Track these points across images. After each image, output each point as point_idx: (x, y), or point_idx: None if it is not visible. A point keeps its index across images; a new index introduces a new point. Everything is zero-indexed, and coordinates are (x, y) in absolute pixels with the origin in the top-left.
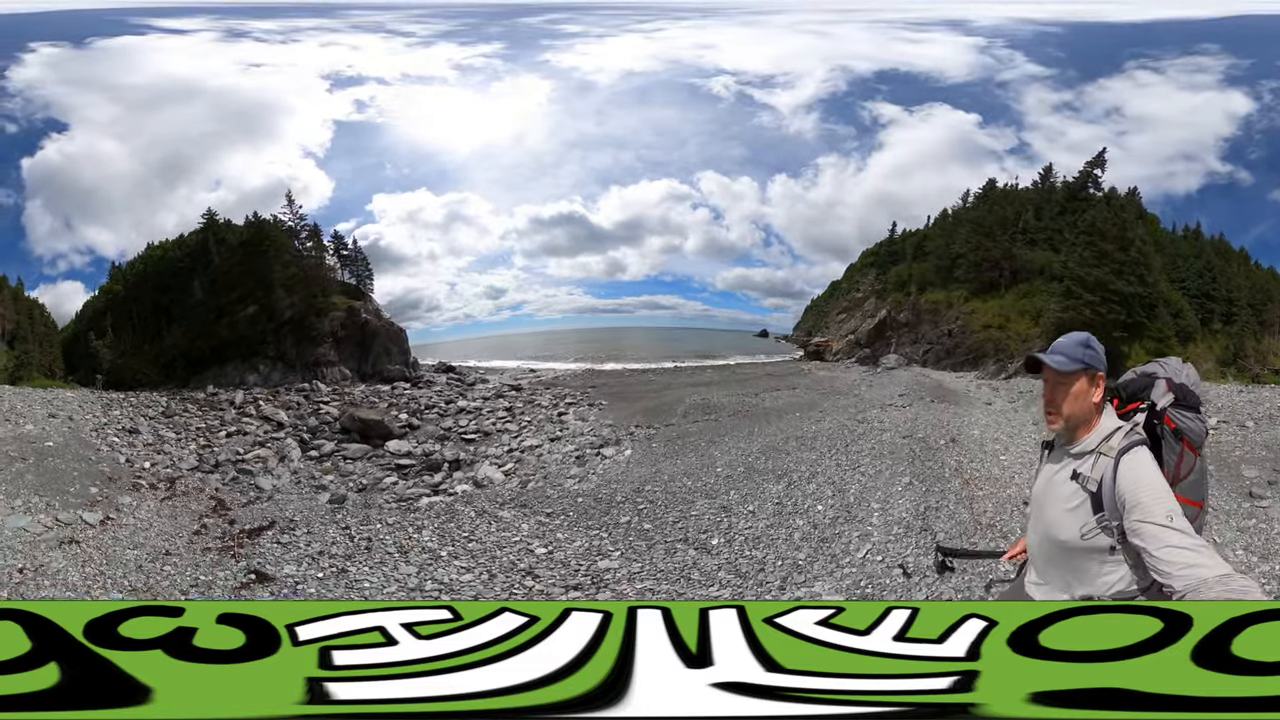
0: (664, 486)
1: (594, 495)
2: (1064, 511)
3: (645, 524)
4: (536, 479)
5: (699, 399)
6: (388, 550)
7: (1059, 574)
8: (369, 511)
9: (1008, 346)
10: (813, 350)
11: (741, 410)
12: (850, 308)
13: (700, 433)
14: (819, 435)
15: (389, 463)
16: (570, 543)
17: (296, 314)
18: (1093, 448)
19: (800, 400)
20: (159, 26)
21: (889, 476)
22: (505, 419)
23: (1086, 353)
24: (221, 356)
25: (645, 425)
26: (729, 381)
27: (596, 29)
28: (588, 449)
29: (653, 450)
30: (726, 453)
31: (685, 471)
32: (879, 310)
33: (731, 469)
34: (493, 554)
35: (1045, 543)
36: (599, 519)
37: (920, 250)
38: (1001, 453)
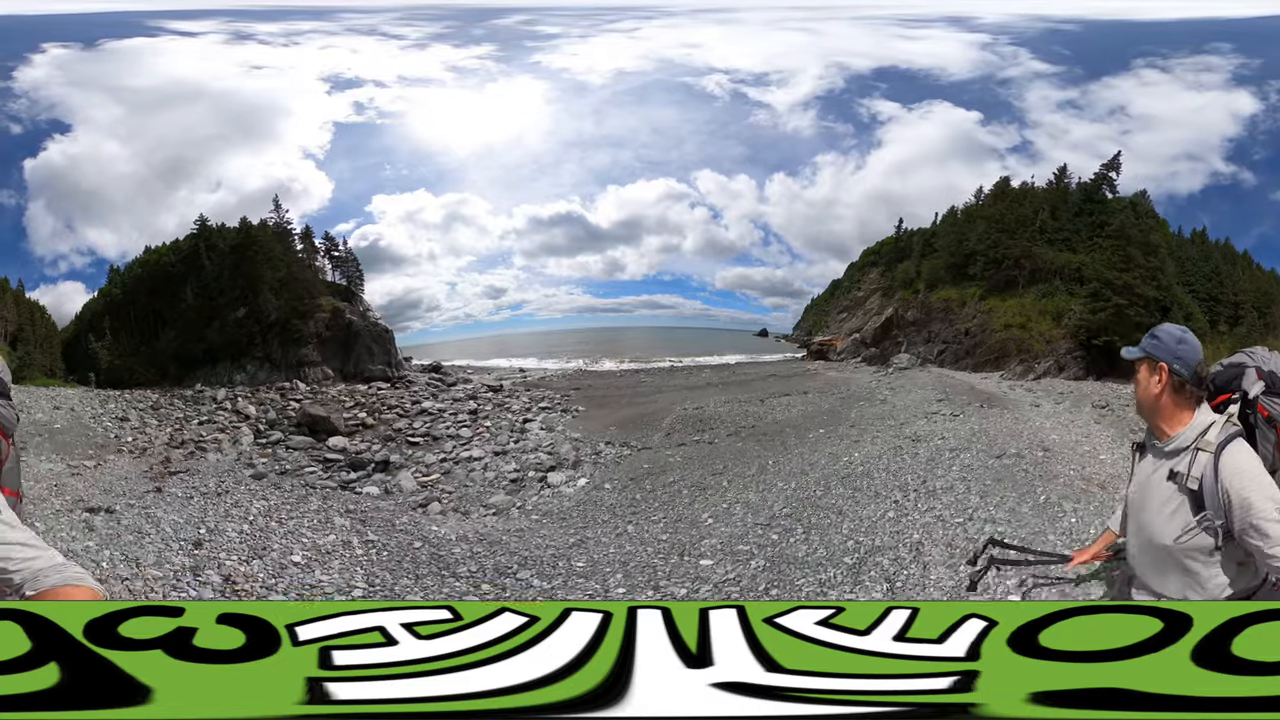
0: (594, 567)
1: (487, 540)
2: (1164, 515)
3: None
4: (451, 499)
5: (691, 408)
6: (240, 514)
7: (1164, 579)
8: (269, 490)
9: (1031, 346)
10: (816, 349)
11: (746, 427)
12: (851, 306)
13: (686, 464)
14: (871, 469)
15: (321, 455)
16: (350, 588)
17: (281, 316)
18: (1188, 444)
19: (819, 409)
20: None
21: (1032, 516)
22: (464, 424)
23: (1148, 341)
24: (213, 357)
25: (618, 443)
26: (728, 384)
27: (574, 29)
28: (531, 470)
29: (611, 490)
30: (725, 514)
31: (647, 543)
32: (885, 308)
33: (734, 548)
34: (277, 552)
35: (1147, 548)
36: (447, 579)
37: (928, 247)
38: (1100, 453)
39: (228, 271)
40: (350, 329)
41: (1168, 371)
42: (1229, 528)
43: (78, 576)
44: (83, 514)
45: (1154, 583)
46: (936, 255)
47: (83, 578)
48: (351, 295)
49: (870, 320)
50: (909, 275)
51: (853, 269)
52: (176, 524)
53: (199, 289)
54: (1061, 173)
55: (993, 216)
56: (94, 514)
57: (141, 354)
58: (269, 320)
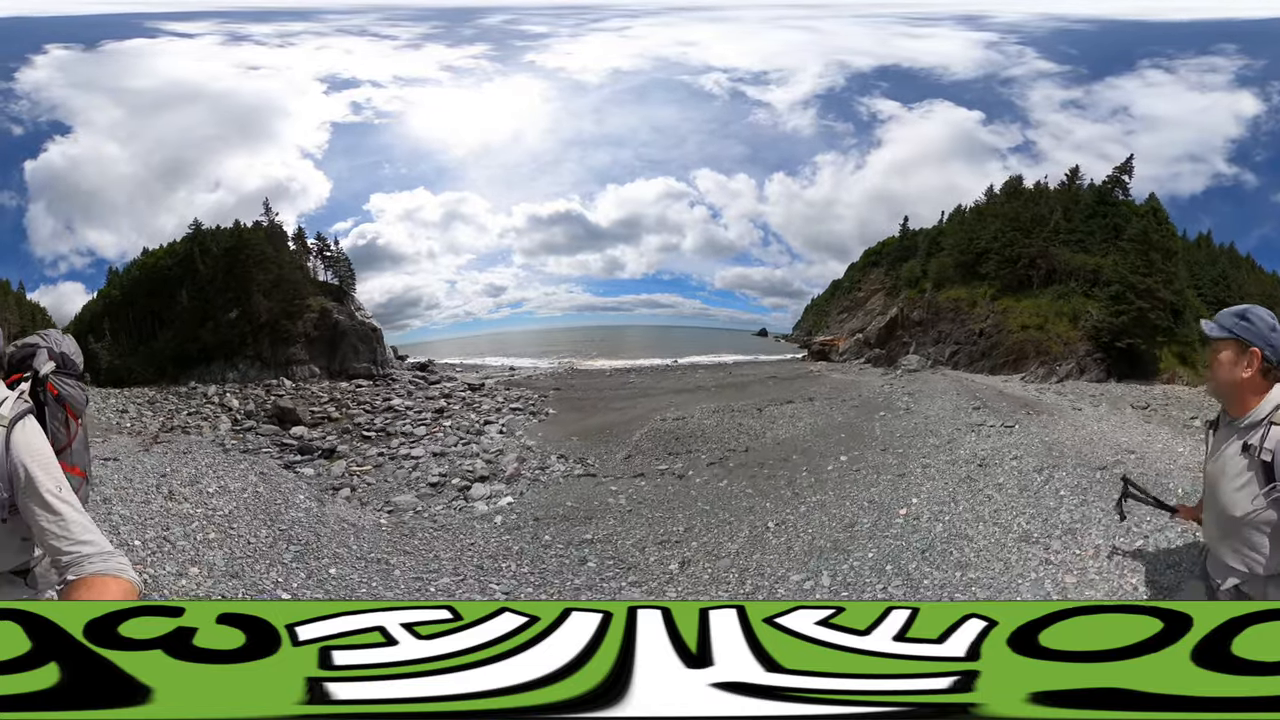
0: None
1: (346, 532)
2: (1236, 488)
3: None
4: (363, 490)
5: (672, 418)
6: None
7: (1233, 552)
8: (220, 454)
9: (1050, 348)
10: (817, 349)
11: (736, 449)
12: (852, 307)
13: (632, 513)
14: (962, 527)
15: (280, 440)
16: (212, 512)
17: (271, 317)
18: (1263, 417)
19: (831, 422)
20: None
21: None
22: (424, 422)
23: (1238, 323)
24: (207, 357)
25: (572, 458)
26: (724, 386)
27: (562, 28)
28: (456, 478)
29: (516, 521)
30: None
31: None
32: (889, 308)
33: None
34: (205, 481)
35: (1220, 520)
36: (264, 537)
37: (935, 245)
38: (1177, 448)
39: (221, 274)
40: (337, 328)
41: (1260, 356)
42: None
43: (119, 568)
44: (100, 462)
45: (1225, 555)
46: (945, 254)
47: (124, 569)
48: (343, 295)
49: (873, 320)
50: (914, 274)
51: (853, 269)
52: (152, 465)
53: (194, 291)
54: (1074, 174)
55: (1008, 215)
56: (105, 462)
57: (140, 354)
58: (260, 321)
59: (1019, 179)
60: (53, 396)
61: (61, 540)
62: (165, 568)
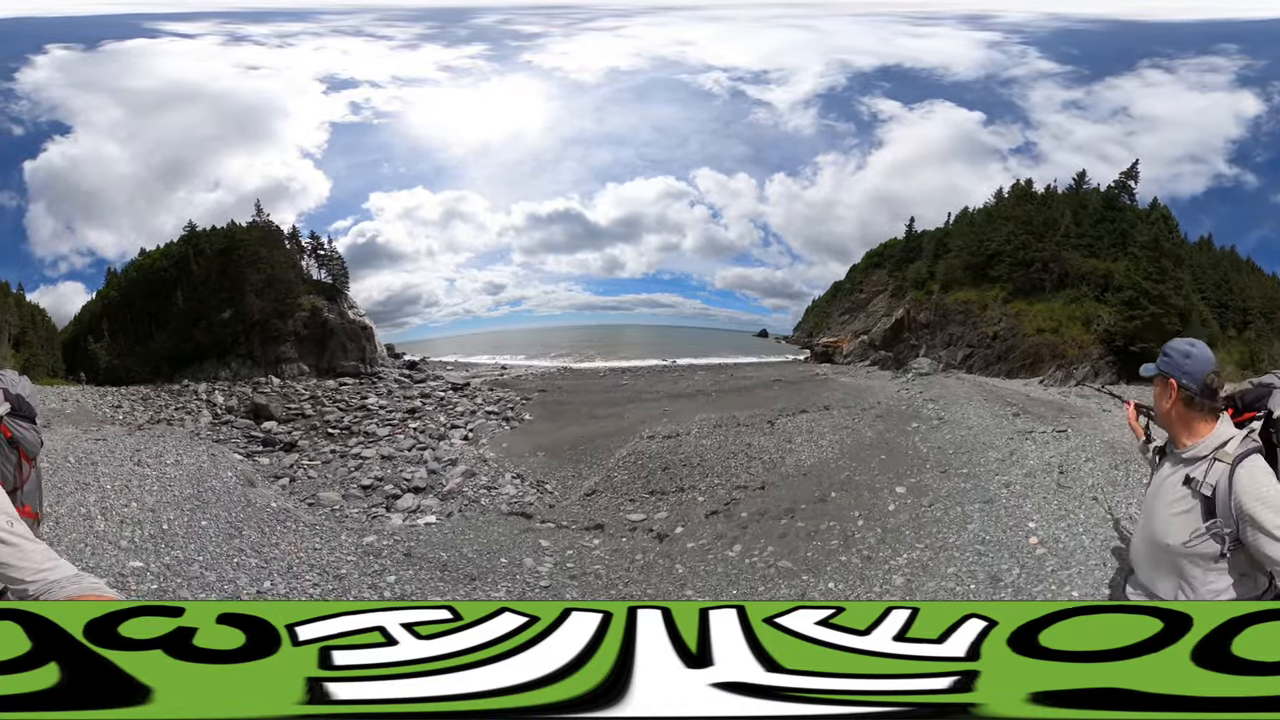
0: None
1: (252, 519)
2: (1172, 515)
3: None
4: (301, 483)
5: (662, 435)
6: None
7: (1161, 579)
8: (194, 445)
9: (1065, 352)
10: (820, 351)
11: (747, 485)
12: (854, 308)
13: (582, 587)
14: (1095, 543)
15: (249, 433)
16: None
17: (262, 317)
18: (1206, 453)
19: (861, 440)
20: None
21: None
22: (391, 422)
23: (1161, 359)
24: (201, 356)
25: (531, 479)
26: (724, 392)
27: (554, 28)
28: (390, 485)
29: (403, 558)
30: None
31: None
32: (894, 309)
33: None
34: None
35: (1151, 547)
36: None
37: (942, 247)
38: None
39: (214, 275)
40: (326, 327)
41: (1176, 387)
42: (1238, 536)
43: (94, 586)
44: (92, 441)
45: (1149, 581)
46: (954, 255)
47: (99, 587)
48: (336, 293)
49: (878, 322)
50: (921, 275)
51: (855, 271)
52: (131, 444)
53: (188, 292)
54: (1081, 178)
55: (1020, 218)
56: (97, 441)
57: (137, 353)
58: (252, 320)
59: (1029, 182)
60: (5, 439)
61: (24, 571)
62: (117, 500)
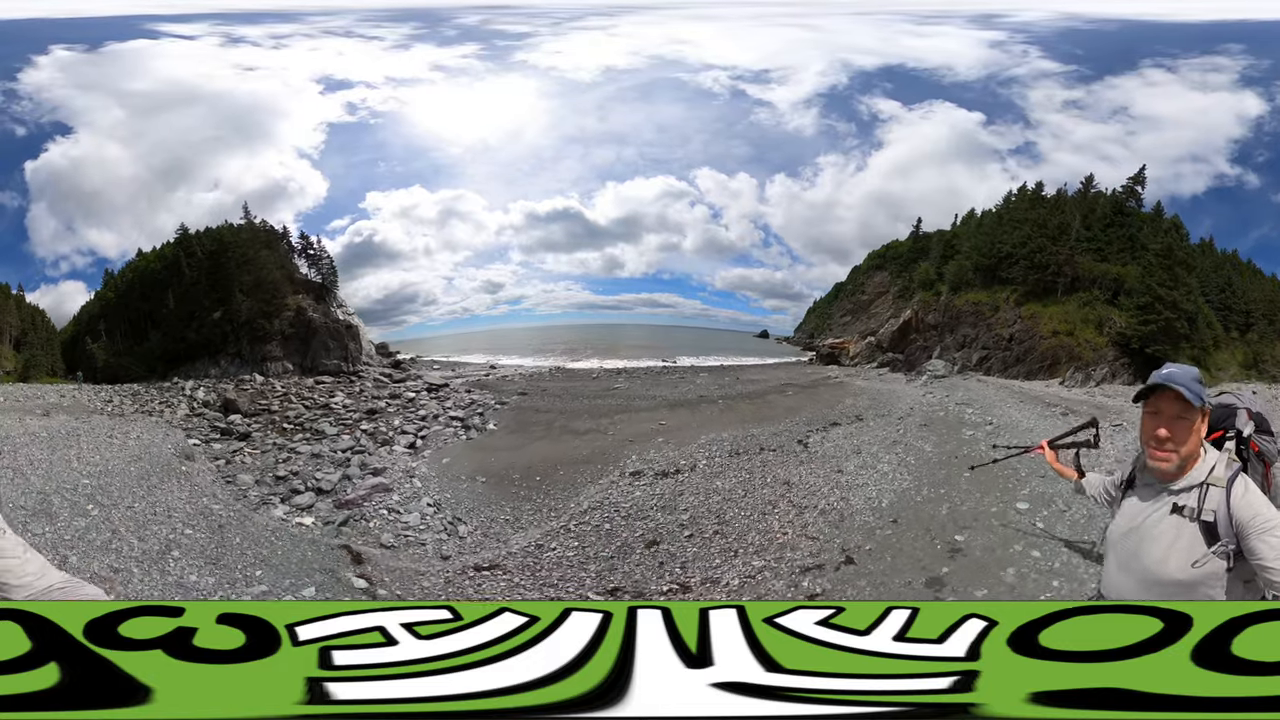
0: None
1: (168, 505)
2: (1169, 549)
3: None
4: (221, 468)
5: (657, 472)
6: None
7: None
8: (158, 427)
9: (1082, 354)
10: (826, 353)
11: (819, 560)
12: (856, 309)
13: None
14: None
15: (215, 424)
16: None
17: (249, 317)
18: (1200, 480)
19: (924, 458)
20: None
21: None
22: (349, 420)
23: (1189, 393)
24: (193, 354)
25: (448, 513)
26: (731, 398)
27: (541, 27)
28: (295, 482)
29: (217, 548)
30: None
31: None
32: (900, 311)
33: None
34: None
35: (1152, 586)
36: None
37: (950, 249)
38: None
39: (204, 277)
40: (310, 326)
41: (1206, 416)
42: (1239, 547)
43: (92, 594)
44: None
45: None
46: (964, 256)
47: (96, 594)
48: (325, 292)
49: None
50: (929, 277)
51: (856, 272)
52: (109, 424)
53: (180, 293)
54: (1089, 182)
55: (1034, 221)
56: (81, 423)
57: (134, 353)
58: (240, 320)
59: (1040, 185)
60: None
61: (8, 575)
62: (90, 456)
